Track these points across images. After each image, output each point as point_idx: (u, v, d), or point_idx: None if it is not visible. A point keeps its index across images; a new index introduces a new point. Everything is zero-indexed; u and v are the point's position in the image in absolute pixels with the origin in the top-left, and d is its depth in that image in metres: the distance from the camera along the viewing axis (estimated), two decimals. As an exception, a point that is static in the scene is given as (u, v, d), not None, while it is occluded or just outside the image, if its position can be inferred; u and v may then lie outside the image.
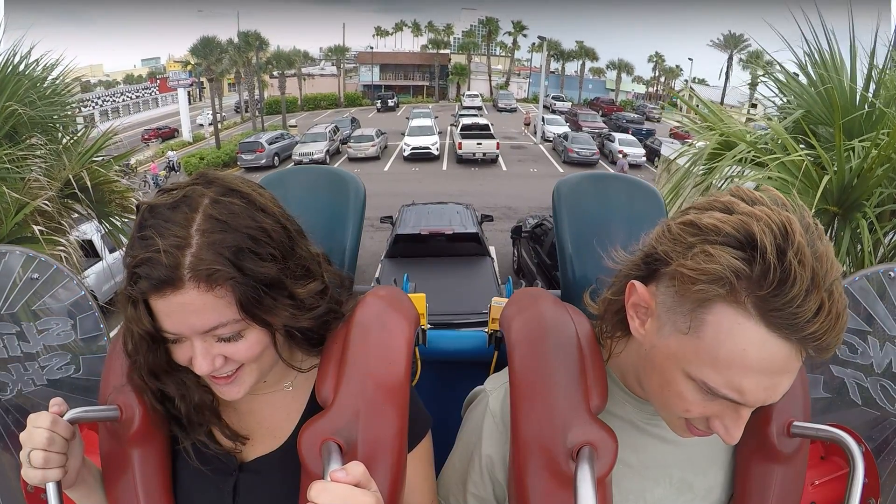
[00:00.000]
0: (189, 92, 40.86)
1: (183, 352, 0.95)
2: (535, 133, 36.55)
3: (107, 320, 1.39)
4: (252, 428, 1.11)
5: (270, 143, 28.81)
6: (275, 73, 44.70)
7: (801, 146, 3.38)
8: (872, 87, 3.44)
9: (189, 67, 41.96)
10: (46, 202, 4.06)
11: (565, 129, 33.94)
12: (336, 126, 33.20)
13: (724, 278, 0.79)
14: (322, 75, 61.34)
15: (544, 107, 41.83)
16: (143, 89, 47.56)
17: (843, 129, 3.15)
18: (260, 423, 1.11)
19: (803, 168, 3.19)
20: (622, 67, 61.69)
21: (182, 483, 1.11)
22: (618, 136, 30.56)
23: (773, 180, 3.25)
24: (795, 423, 1.05)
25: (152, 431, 1.07)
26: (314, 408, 1.06)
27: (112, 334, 1.25)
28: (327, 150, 29.01)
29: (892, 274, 1.25)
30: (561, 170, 27.15)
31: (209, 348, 0.94)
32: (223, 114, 38.84)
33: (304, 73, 53.24)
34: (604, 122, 39.25)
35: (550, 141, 33.13)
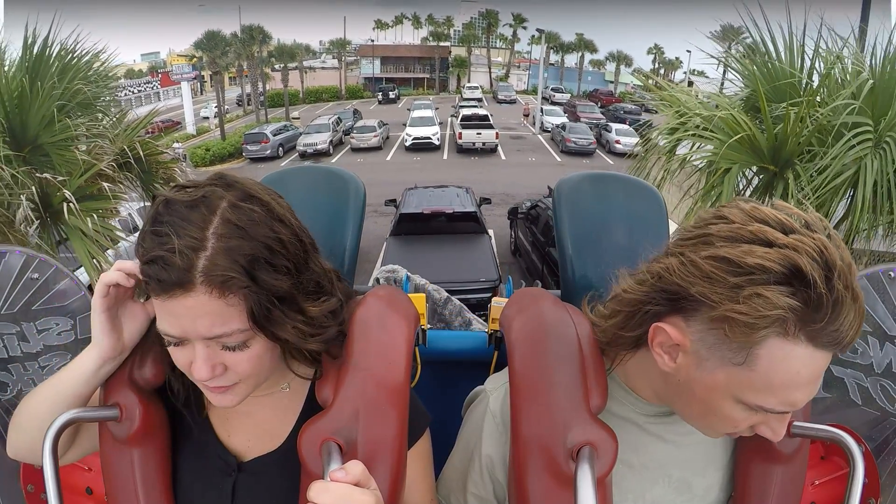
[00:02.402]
0: (191, 86, 40.83)
1: (184, 355, 0.92)
2: (534, 124, 36.57)
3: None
4: (250, 428, 1.10)
5: (275, 135, 28.81)
6: (276, 67, 44.67)
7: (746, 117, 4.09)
8: (808, 64, 4.19)
9: (193, 61, 41.92)
10: (112, 164, 4.75)
11: (564, 119, 33.89)
12: (339, 117, 33.26)
13: (782, 318, 0.78)
14: (323, 68, 61.18)
15: (543, 98, 41.76)
16: (144, 83, 47.28)
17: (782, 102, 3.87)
18: (258, 423, 1.10)
19: (729, 123, 3.94)
20: (621, 59, 61.33)
21: (181, 484, 1.09)
22: (615, 126, 30.47)
23: (720, 141, 3.98)
24: (795, 422, 1.03)
25: (152, 431, 1.05)
26: (312, 408, 1.05)
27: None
28: (331, 141, 29.09)
29: (893, 274, 1.23)
30: (559, 159, 27.24)
31: (212, 354, 0.91)
32: (226, 107, 38.81)
33: (306, 67, 53.09)
34: (602, 113, 39.14)
35: (549, 131, 33.09)
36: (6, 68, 4.58)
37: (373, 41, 70.86)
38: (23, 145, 4.37)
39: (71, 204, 4.28)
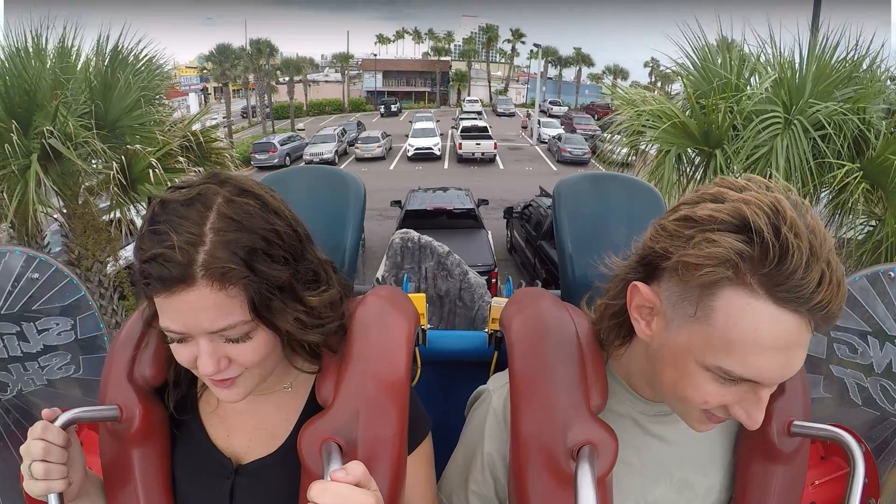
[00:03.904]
0: (197, 98, 41.23)
1: (187, 351, 0.90)
2: (532, 135, 36.76)
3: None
4: (250, 428, 1.07)
5: (282, 144, 28.94)
6: (281, 80, 45.04)
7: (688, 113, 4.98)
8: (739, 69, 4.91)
9: (203, 72, 42.39)
10: (187, 142, 5.73)
11: (560, 130, 34.04)
12: (344, 128, 33.55)
13: (729, 260, 0.77)
14: (326, 81, 61.60)
15: (542, 111, 42.02)
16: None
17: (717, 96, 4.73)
18: (258, 423, 1.07)
19: (665, 114, 4.84)
20: (618, 73, 61.66)
21: (179, 485, 1.07)
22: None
23: (661, 129, 4.80)
24: (796, 422, 1.01)
25: (152, 431, 1.03)
26: (313, 408, 1.02)
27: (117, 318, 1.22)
28: (336, 151, 29.23)
29: (892, 274, 1.21)
30: (554, 168, 27.41)
31: (216, 348, 0.89)
32: (231, 119, 39.07)
33: (310, 80, 53.40)
34: (598, 125, 39.32)
35: (546, 142, 33.27)
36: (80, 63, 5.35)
37: (375, 55, 71.33)
38: (102, 126, 5.10)
39: (156, 170, 5.14)
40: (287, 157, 28.42)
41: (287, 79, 45.09)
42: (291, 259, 0.93)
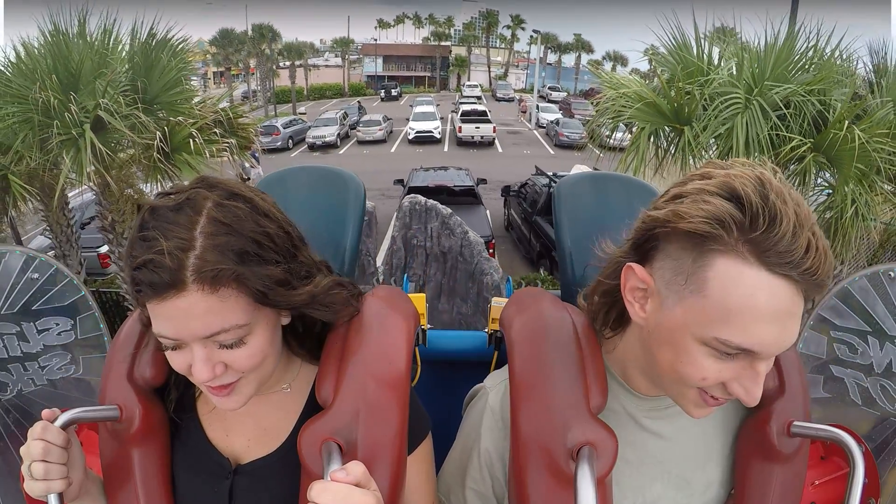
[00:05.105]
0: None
1: (182, 358, 0.88)
2: (530, 120, 36.73)
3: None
4: (249, 429, 1.06)
5: (285, 127, 28.84)
6: (282, 64, 44.91)
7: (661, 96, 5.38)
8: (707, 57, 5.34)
9: (205, 57, 42.22)
10: (221, 116, 6.12)
11: (558, 115, 34.00)
12: (345, 112, 33.46)
13: (722, 219, 0.78)
14: (327, 66, 61.32)
15: (541, 96, 41.91)
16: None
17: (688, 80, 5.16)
18: (257, 423, 1.06)
19: (640, 96, 5.32)
20: (617, 59, 61.44)
21: (178, 485, 1.05)
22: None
23: (635, 108, 5.27)
24: (795, 422, 0.99)
25: (152, 431, 1.02)
26: (312, 408, 1.01)
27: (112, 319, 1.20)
28: (338, 134, 29.19)
29: (892, 274, 1.19)
30: (552, 151, 27.40)
31: (210, 355, 0.87)
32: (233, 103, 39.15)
33: (310, 65, 53.20)
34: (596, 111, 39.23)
35: (544, 127, 33.23)
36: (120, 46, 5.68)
37: (375, 40, 70.95)
38: (143, 101, 5.42)
39: (196, 139, 5.53)
40: (290, 140, 28.37)
41: (288, 63, 44.95)
42: (283, 261, 0.91)
